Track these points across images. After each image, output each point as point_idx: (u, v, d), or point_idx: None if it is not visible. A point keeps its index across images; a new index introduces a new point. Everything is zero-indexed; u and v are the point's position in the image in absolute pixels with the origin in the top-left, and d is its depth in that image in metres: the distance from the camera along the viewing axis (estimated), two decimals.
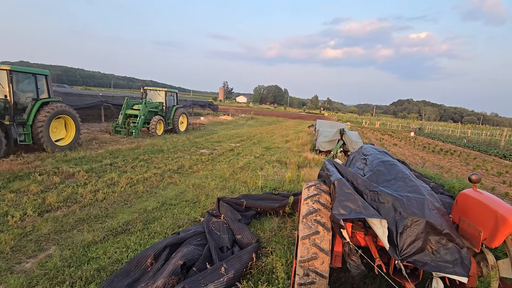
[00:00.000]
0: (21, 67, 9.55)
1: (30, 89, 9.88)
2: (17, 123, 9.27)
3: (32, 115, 9.51)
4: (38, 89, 10.00)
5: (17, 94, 9.46)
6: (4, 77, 9.09)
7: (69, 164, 8.74)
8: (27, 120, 9.49)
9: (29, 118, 9.49)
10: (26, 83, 9.76)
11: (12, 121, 9.13)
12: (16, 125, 9.24)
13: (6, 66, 9.09)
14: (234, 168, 10.01)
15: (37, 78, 9.99)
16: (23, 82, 9.64)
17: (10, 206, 5.59)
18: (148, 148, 12.34)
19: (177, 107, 18.59)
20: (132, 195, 6.75)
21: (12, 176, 7.19)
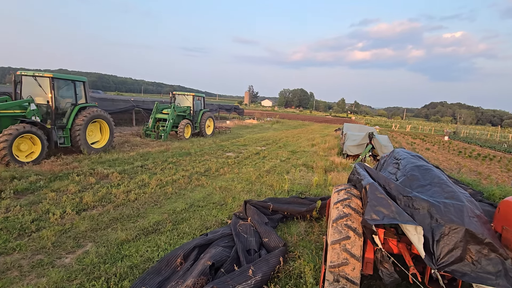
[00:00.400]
0: (61, 74, 10.22)
1: (70, 95, 10.53)
2: (57, 127, 9.91)
3: (71, 119, 10.13)
4: (77, 95, 10.63)
5: (58, 100, 10.11)
6: (46, 84, 9.77)
7: (104, 166, 9.18)
8: (67, 124, 10.12)
9: (68, 122, 10.11)
10: (66, 89, 10.42)
11: (53, 125, 9.78)
12: (57, 128, 9.88)
13: (49, 74, 9.76)
14: (260, 171, 10.04)
15: (76, 84, 10.64)
16: (63, 89, 10.30)
17: (51, 204, 5.97)
18: (176, 151, 12.69)
19: (204, 111, 18.98)
20: (162, 196, 6.96)
21: (53, 176, 7.68)
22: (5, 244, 4.45)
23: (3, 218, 5.20)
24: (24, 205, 5.84)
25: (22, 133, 8.39)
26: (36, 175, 7.53)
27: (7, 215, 5.32)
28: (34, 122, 9.00)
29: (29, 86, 9.92)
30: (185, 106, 17.89)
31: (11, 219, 5.19)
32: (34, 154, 8.85)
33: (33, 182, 7.07)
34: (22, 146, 8.59)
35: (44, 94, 9.84)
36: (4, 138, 8.01)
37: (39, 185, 6.98)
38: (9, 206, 5.71)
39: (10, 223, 5.06)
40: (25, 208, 5.68)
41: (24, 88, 9.91)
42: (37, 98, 9.86)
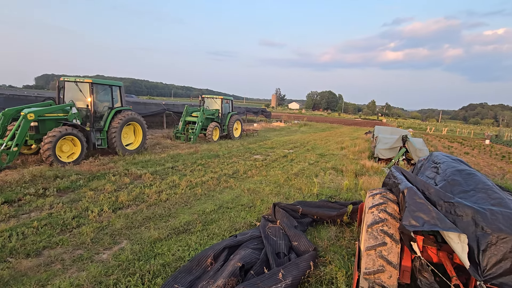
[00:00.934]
0: (99, 79, 10.82)
1: (107, 99, 11.12)
2: (95, 129, 10.49)
3: (107, 122, 10.68)
4: (113, 99, 11.20)
5: (96, 104, 10.70)
6: (86, 89, 10.39)
7: (137, 167, 9.57)
8: (104, 126, 10.68)
9: (105, 124, 10.67)
10: (104, 94, 11.01)
11: (92, 127, 10.36)
12: (95, 131, 10.46)
13: (88, 79, 10.37)
14: (288, 174, 9.99)
15: (113, 89, 11.21)
16: (101, 93, 10.89)
17: (90, 202, 6.31)
18: (205, 153, 12.94)
19: (232, 114, 19.21)
20: (192, 197, 7.12)
21: (91, 176, 8.12)
22: (49, 238, 4.75)
23: (47, 214, 5.57)
24: (66, 202, 6.22)
25: (64, 135, 8.96)
26: (76, 175, 8.00)
27: (51, 212, 5.69)
28: (75, 124, 9.58)
29: (70, 91, 10.60)
30: (213, 109, 18.22)
31: (54, 215, 5.54)
32: (74, 155, 9.42)
33: (73, 181, 7.52)
34: (64, 147, 9.17)
35: (84, 98, 10.46)
36: (49, 139, 8.60)
37: (79, 184, 7.40)
38: (52, 203, 6.11)
39: (53, 219, 5.40)
40: (66, 205, 6.05)
41: (66, 93, 10.59)
42: (78, 102, 10.50)
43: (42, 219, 5.33)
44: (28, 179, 7.22)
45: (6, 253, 4.31)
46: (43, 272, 3.99)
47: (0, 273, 3.86)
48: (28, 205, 5.92)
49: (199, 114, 16.58)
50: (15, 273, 3.92)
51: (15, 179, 7.14)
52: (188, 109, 17.31)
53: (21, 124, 8.43)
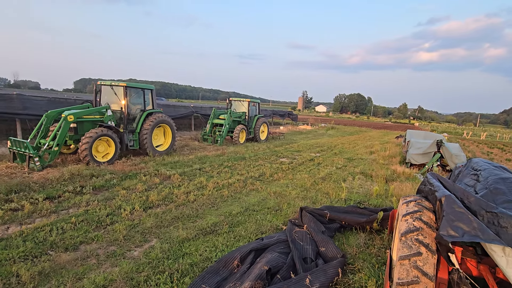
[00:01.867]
0: (133, 83, 11.32)
1: (139, 101, 11.60)
2: (128, 131, 10.96)
3: (139, 124, 11.12)
4: (145, 102, 11.65)
5: (130, 106, 11.19)
6: (121, 92, 10.90)
7: (166, 168, 9.87)
8: (136, 128, 11.14)
9: (137, 126, 11.12)
10: (136, 97, 11.49)
11: (125, 129, 10.84)
12: (128, 132, 10.93)
13: (123, 83, 10.88)
14: (315, 178, 9.86)
15: (145, 92, 11.67)
16: (134, 96, 11.38)
17: (122, 200, 6.60)
18: (231, 155, 13.08)
19: (259, 117, 19.27)
20: (218, 199, 7.22)
21: (124, 175, 8.48)
22: (86, 234, 5.02)
23: (84, 211, 5.89)
24: (101, 200, 6.54)
25: (100, 136, 9.45)
26: (110, 174, 8.39)
27: (87, 209, 6.02)
28: (110, 126, 10.08)
29: (106, 94, 11.17)
30: (240, 112, 18.39)
31: (90, 212, 5.85)
32: (109, 155, 9.89)
33: (108, 180, 7.90)
34: (100, 148, 9.67)
35: (118, 101, 10.98)
36: (86, 140, 9.11)
37: (112, 183, 7.76)
38: (88, 200, 6.45)
39: (89, 215, 5.70)
40: (101, 203, 6.36)
41: (103, 96, 11.17)
42: (113, 105, 11.04)
43: (79, 216, 5.64)
44: (67, 177, 7.68)
45: (47, 246, 4.61)
46: (80, 266, 4.21)
47: (42, 265, 4.13)
48: (67, 202, 6.29)
49: (226, 116, 16.82)
50: (55, 265, 4.17)
51: (55, 176, 7.62)
52: (215, 112, 17.61)
53: (62, 125, 9.00)
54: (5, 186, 6.66)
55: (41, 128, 9.37)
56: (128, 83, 10.98)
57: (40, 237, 4.80)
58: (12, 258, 4.23)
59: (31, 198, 6.29)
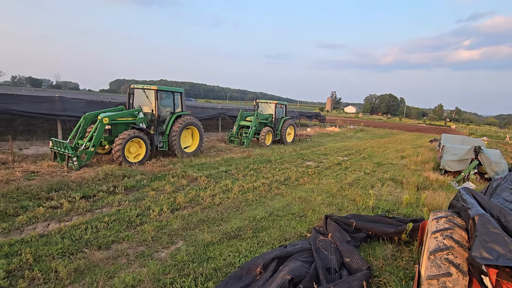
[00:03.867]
0: (163, 86, 11.74)
1: (169, 104, 11.99)
2: (158, 133, 11.38)
3: (169, 126, 11.51)
4: (175, 104, 12.03)
5: (160, 109, 11.61)
6: (152, 95, 11.34)
7: (193, 169, 10.13)
8: (165, 130, 11.53)
9: (167, 128, 11.51)
10: (166, 99, 11.90)
11: (155, 131, 11.27)
12: (158, 134, 11.34)
13: (154, 87, 11.31)
14: (341, 183, 9.71)
15: (174, 95, 12.04)
16: (164, 99, 11.80)
17: (151, 202, 6.87)
18: (257, 158, 13.16)
19: (285, 119, 19.20)
20: (243, 203, 7.30)
21: (153, 176, 8.82)
22: (117, 233, 5.30)
23: (116, 211, 6.21)
24: (132, 200, 6.86)
25: (132, 138, 9.89)
26: (141, 175, 8.77)
27: (119, 208, 6.34)
28: (141, 128, 10.52)
29: (138, 97, 11.67)
30: (267, 114, 18.43)
31: (122, 212, 6.15)
32: (139, 156, 10.33)
33: (138, 181, 8.26)
34: (132, 149, 10.11)
35: (149, 104, 11.43)
36: (120, 141, 9.58)
37: (143, 183, 8.11)
38: (120, 200, 6.79)
39: (121, 215, 6.00)
40: (132, 203, 6.67)
41: (135, 98, 11.68)
42: (144, 107, 11.51)
43: (111, 215, 5.96)
44: (102, 177, 8.13)
45: (82, 244, 4.92)
46: (111, 264, 4.46)
47: (78, 262, 4.42)
48: (101, 201, 6.67)
49: (253, 118, 16.93)
50: (89, 263, 4.45)
51: (91, 176, 8.10)
52: (242, 114, 17.78)
53: (98, 127, 9.53)
54: (46, 184, 7.18)
55: (79, 129, 9.98)
56: (159, 87, 11.40)
57: (76, 235, 5.13)
58: (51, 254, 4.57)
59: (69, 196, 6.73)
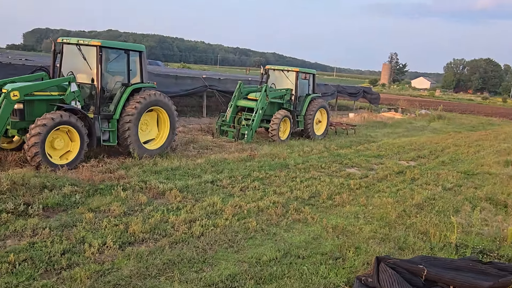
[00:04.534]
0: (112, 41, 11.68)
1: (120, 70, 11.97)
2: (102, 117, 11.35)
3: (120, 106, 11.47)
4: (130, 71, 11.99)
5: (106, 78, 11.59)
6: (93, 55, 11.26)
7: (159, 178, 10.08)
8: (114, 112, 11.50)
9: (117, 110, 11.47)
10: (117, 63, 11.86)
11: (97, 114, 11.24)
12: (101, 119, 11.32)
13: (96, 41, 11.27)
14: (404, 205, 9.69)
15: (130, 55, 11.98)
16: (113, 61, 11.76)
17: (88, 230, 6.83)
18: (265, 160, 13.08)
19: (313, 97, 19.11)
20: (241, 233, 7.24)
21: (92, 189, 8.79)
22: (29, 282, 5.25)
23: (28, 244, 6.16)
24: (55, 227, 6.82)
25: (58, 125, 9.87)
26: (71, 185, 8.73)
27: (33, 240, 6.29)
28: (74, 109, 10.50)
29: (70, 58, 11.65)
30: (283, 89, 18.33)
31: (38, 246, 6.11)
32: (70, 154, 10.32)
33: (67, 195, 8.22)
34: (57, 143, 10.11)
35: (88, 69, 11.40)
36: (37, 130, 9.54)
37: (74, 200, 8.08)
38: (36, 227, 6.75)
39: (36, 251, 5.96)
40: (55, 232, 6.63)
41: (65, 60, 11.65)
42: (80, 75, 11.49)
43: (21, 251, 5.91)
44: (6, 188, 8.07)
45: None
46: None
47: None
48: (4, 228, 6.61)
49: (260, 96, 16.85)
50: None
51: None
52: (242, 88, 17.71)
53: (2, 106, 9.53)
54: None
55: None
56: (105, 42, 11.37)
57: None
58: None
59: None
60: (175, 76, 22.36)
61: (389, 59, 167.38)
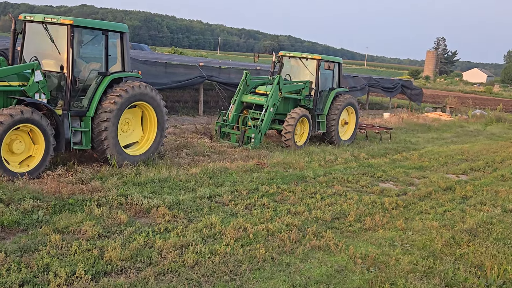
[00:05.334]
0: (87, 19, 11.73)
1: (96, 55, 12.01)
2: (72, 114, 11.38)
3: (95, 100, 11.51)
4: (108, 56, 12.04)
5: (78, 64, 11.64)
6: (63, 35, 11.32)
7: (143, 191, 10.09)
8: (88, 109, 11.54)
9: (91, 105, 11.51)
10: (91, 46, 11.92)
11: (66, 109, 11.27)
12: (72, 116, 11.35)
13: (67, 20, 11.28)
14: (453, 230, 9.66)
15: (109, 37, 12.02)
16: (87, 45, 11.80)
17: (53, 256, 6.81)
18: (277, 171, 13.08)
19: (338, 92, 19.07)
20: (245, 263, 7.20)
21: (59, 204, 8.81)
22: None
23: None
24: (12, 252, 6.81)
25: (18, 123, 9.91)
26: (33, 199, 8.75)
27: None
28: (37, 103, 10.54)
29: (35, 38, 11.72)
30: (300, 82, 18.30)
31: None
32: (32, 160, 10.37)
33: (27, 212, 8.23)
34: (16, 146, 10.15)
35: (57, 54, 11.46)
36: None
37: (36, 217, 8.07)
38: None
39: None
40: (12, 257, 6.60)
41: (28, 42, 11.73)
42: (46, 61, 11.55)
43: None
44: None
45: None
46: None
47: None
48: None
49: (271, 90, 16.86)
50: None
51: None
52: (248, 79, 17.67)
53: None
54: None
55: None
56: (77, 20, 11.37)
57: None
58: None
59: None
60: (164, 64, 22.40)
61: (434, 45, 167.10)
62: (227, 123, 17.30)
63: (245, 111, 17.67)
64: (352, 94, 25.34)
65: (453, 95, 61.36)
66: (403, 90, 38.43)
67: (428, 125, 28.91)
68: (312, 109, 18.25)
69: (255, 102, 17.27)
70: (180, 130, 18.40)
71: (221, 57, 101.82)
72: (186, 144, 15.67)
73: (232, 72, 24.54)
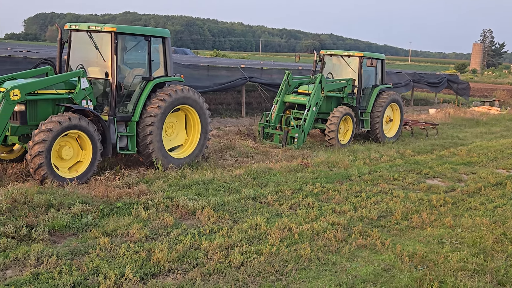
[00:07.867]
0: (130, 26, 11.94)
1: (140, 61, 12.18)
2: (118, 119, 11.61)
3: (139, 105, 11.70)
4: (152, 62, 12.19)
5: (123, 72, 11.85)
6: (107, 42, 11.55)
7: (189, 193, 10.19)
8: (133, 114, 11.75)
9: (136, 111, 11.72)
10: (135, 53, 12.09)
11: (112, 115, 11.50)
12: (117, 121, 11.58)
13: (111, 27, 11.48)
14: (505, 226, 9.45)
15: (152, 42, 12.18)
16: (131, 51, 11.99)
17: (102, 258, 6.96)
18: (322, 171, 13.02)
19: (382, 89, 18.85)
20: (291, 263, 7.19)
21: (108, 207, 9.00)
22: None
23: (31, 275, 6.32)
24: (63, 255, 6.99)
25: (66, 129, 10.17)
26: (82, 203, 8.96)
27: (37, 270, 6.46)
28: (84, 110, 10.79)
29: (80, 47, 11.98)
30: (343, 80, 18.18)
31: (43, 278, 6.27)
32: (80, 166, 10.62)
33: (77, 216, 8.44)
34: (65, 152, 10.43)
35: (101, 61, 11.69)
36: (41, 137, 9.85)
37: (85, 221, 8.28)
38: (41, 254, 6.93)
39: (41, 284, 6.11)
40: (63, 260, 6.78)
41: (74, 50, 11.99)
42: (92, 69, 11.81)
43: (23, 284, 6.06)
44: (5, 208, 8.34)
45: None
46: None
47: None
48: (3, 255, 6.81)
49: (313, 89, 16.80)
50: None
51: None
52: (290, 79, 17.66)
53: (0, 107, 9.89)
54: None
55: None
56: (120, 27, 11.57)
57: None
58: None
59: None
60: (206, 67, 22.56)
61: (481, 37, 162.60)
62: (270, 124, 17.30)
63: (288, 111, 17.66)
64: (396, 90, 25.08)
65: (502, 88, 59.67)
66: (449, 84, 37.72)
67: (476, 120, 28.29)
68: (356, 107, 18.14)
69: (298, 102, 17.26)
70: (223, 132, 18.51)
71: (263, 58, 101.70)
72: (229, 145, 15.76)
73: (274, 73, 24.52)
